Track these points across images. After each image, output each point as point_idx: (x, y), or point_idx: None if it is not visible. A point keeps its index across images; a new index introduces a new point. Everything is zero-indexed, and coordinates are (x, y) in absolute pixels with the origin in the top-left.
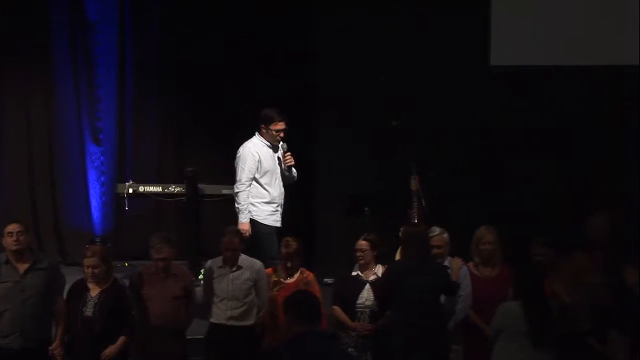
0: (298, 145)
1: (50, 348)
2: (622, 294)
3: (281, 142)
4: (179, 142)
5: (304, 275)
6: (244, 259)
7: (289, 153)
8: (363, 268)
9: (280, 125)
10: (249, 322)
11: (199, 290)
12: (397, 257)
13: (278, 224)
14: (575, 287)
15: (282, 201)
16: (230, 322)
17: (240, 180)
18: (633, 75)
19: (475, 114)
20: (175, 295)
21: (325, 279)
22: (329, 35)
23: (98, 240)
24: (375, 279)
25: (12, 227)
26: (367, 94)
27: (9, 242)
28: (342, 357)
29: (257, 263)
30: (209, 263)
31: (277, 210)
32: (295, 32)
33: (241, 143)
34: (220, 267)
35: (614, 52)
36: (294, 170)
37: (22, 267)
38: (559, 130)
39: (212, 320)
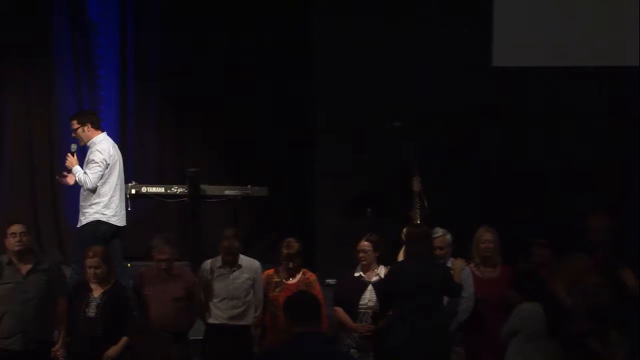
0: (299, 145)
1: (52, 350)
2: (621, 294)
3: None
4: (180, 142)
5: (306, 276)
6: (242, 258)
7: (69, 154)
8: (365, 269)
9: None
10: (247, 321)
11: None
12: (400, 257)
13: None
14: (575, 288)
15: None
16: (231, 322)
17: None
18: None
19: (477, 115)
20: (176, 296)
21: (327, 280)
22: (329, 37)
23: None
24: (378, 280)
25: (15, 228)
26: (368, 94)
27: (11, 242)
28: (341, 358)
29: (256, 262)
30: (207, 263)
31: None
32: (295, 34)
33: (240, 144)
34: (220, 267)
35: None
36: (74, 174)
37: (25, 268)
38: (560, 130)
39: (211, 320)
